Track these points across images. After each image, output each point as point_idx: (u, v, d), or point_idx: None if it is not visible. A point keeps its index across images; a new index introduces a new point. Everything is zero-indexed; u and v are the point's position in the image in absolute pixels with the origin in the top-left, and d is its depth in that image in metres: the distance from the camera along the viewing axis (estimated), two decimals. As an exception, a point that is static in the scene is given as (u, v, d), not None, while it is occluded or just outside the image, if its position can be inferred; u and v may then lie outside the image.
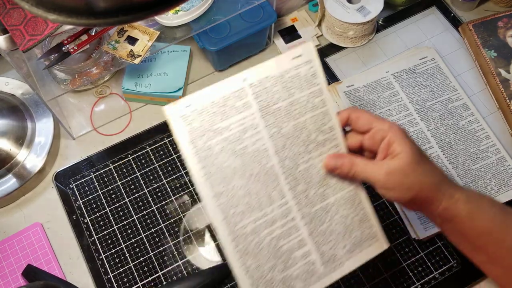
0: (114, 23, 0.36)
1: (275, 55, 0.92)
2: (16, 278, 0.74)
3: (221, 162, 0.55)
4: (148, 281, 0.74)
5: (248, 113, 0.57)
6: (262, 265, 0.57)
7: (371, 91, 0.85)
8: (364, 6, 0.87)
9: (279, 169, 0.58)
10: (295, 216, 0.59)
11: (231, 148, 0.56)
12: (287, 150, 0.58)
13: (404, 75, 0.87)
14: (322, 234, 0.59)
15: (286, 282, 0.58)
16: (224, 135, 0.55)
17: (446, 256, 0.75)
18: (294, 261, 0.58)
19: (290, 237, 0.58)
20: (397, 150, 0.54)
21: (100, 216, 0.78)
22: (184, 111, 0.54)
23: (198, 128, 0.55)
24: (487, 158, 0.80)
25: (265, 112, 0.57)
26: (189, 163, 0.55)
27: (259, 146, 0.57)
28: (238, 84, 0.56)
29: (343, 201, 0.61)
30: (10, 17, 0.63)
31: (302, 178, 0.59)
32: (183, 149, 0.54)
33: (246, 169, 0.56)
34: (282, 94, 0.58)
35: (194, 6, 0.76)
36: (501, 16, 0.90)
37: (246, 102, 0.56)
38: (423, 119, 0.83)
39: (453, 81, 0.86)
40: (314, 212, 0.59)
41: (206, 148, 0.55)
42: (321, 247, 0.59)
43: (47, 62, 0.76)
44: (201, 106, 0.55)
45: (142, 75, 0.86)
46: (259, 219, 0.57)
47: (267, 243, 0.57)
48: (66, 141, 0.85)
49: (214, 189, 0.55)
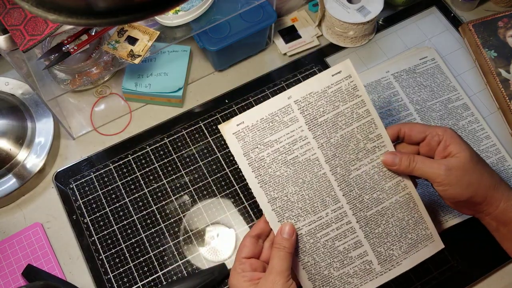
0: (114, 23, 0.36)
1: (275, 55, 0.92)
2: (16, 278, 0.74)
3: (273, 171, 0.62)
4: (148, 281, 0.74)
5: (295, 126, 0.63)
6: (319, 263, 0.62)
7: (371, 91, 0.85)
8: (364, 6, 0.87)
9: (331, 176, 0.63)
10: (350, 219, 0.63)
11: (282, 159, 0.62)
12: (337, 158, 0.63)
13: (404, 75, 0.87)
14: (378, 236, 0.64)
15: (343, 278, 0.63)
16: (274, 147, 0.63)
17: (446, 256, 0.75)
18: (350, 260, 0.63)
19: (346, 238, 0.63)
20: (455, 150, 0.55)
21: (100, 216, 0.78)
22: (236, 128, 0.63)
23: (250, 142, 0.62)
24: (487, 158, 0.80)
25: (312, 124, 0.63)
26: (245, 173, 0.62)
27: (310, 155, 0.63)
28: (284, 102, 0.63)
29: (397, 205, 0.64)
30: (10, 17, 0.63)
31: (355, 184, 0.64)
32: (238, 161, 0.62)
33: (299, 177, 0.63)
34: (327, 107, 0.63)
35: (194, 6, 0.76)
36: (501, 16, 0.90)
37: (293, 117, 0.63)
38: (423, 119, 0.83)
39: (453, 81, 0.86)
40: (370, 215, 0.64)
41: (259, 159, 0.62)
42: (377, 248, 0.63)
43: (47, 62, 0.76)
44: (251, 123, 0.63)
45: (142, 75, 0.86)
46: (314, 222, 0.62)
47: (322, 244, 0.62)
48: (66, 141, 0.85)
49: (269, 195, 0.62)
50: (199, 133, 0.84)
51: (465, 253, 0.75)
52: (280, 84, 0.88)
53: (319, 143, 0.63)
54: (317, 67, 0.90)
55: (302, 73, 0.89)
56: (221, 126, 0.63)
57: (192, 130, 0.85)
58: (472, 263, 0.74)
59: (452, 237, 0.76)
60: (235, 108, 0.86)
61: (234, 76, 0.90)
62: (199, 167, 0.81)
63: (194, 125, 0.85)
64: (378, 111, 0.83)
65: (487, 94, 0.86)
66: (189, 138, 0.84)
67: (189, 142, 0.83)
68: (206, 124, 0.85)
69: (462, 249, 0.75)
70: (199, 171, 0.81)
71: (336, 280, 0.62)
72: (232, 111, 0.86)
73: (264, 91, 0.87)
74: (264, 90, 0.88)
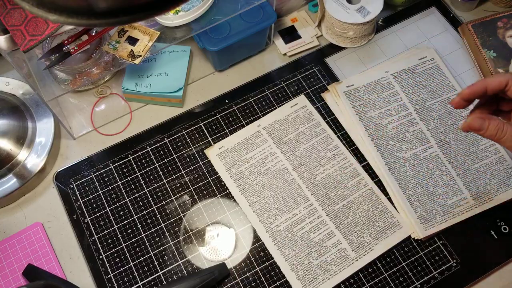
0: (114, 24, 0.36)
1: (275, 55, 0.92)
2: (16, 278, 0.74)
3: (251, 180, 0.78)
4: (148, 280, 0.74)
5: (265, 146, 0.81)
6: (298, 254, 0.73)
7: (370, 91, 0.85)
8: (363, 6, 0.87)
9: (300, 180, 0.78)
10: (321, 214, 0.76)
11: (257, 170, 0.79)
12: (303, 166, 0.79)
13: (403, 75, 0.87)
14: (348, 226, 0.75)
15: (322, 266, 0.73)
16: (250, 162, 0.80)
17: (446, 256, 0.75)
18: (326, 249, 0.74)
19: (319, 230, 0.75)
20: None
21: (100, 216, 0.78)
22: (218, 151, 0.81)
23: (230, 160, 0.80)
24: (487, 157, 0.80)
25: (279, 143, 0.81)
26: (228, 184, 0.79)
27: (279, 166, 0.79)
28: (255, 129, 0.83)
29: (361, 198, 0.77)
30: (11, 17, 0.63)
31: (321, 184, 0.78)
32: (222, 176, 0.79)
33: (272, 183, 0.78)
34: (289, 129, 0.82)
35: (195, 6, 0.76)
36: (501, 17, 0.90)
37: (263, 139, 0.82)
38: (423, 118, 0.83)
39: (452, 81, 0.86)
40: (338, 209, 0.76)
41: (238, 173, 0.79)
42: (348, 236, 0.74)
43: (48, 62, 0.76)
44: (230, 146, 0.81)
45: (143, 75, 0.86)
46: (290, 219, 0.76)
47: (299, 236, 0.74)
48: (67, 141, 0.86)
49: (248, 200, 0.77)
50: (199, 133, 0.84)
51: (465, 253, 0.75)
52: (280, 84, 0.88)
53: (286, 156, 0.80)
54: (317, 67, 0.90)
55: (302, 73, 0.89)
56: (206, 151, 0.81)
57: (192, 130, 0.85)
58: (472, 263, 0.74)
59: (452, 237, 0.76)
60: (235, 108, 0.86)
61: (234, 76, 0.90)
62: (199, 167, 0.82)
63: (194, 125, 0.85)
64: (378, 111, 0.83)
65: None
66: (189, 138, 0.84)
67: (189, 142, 0.84)
68: (206, 124, 0.85)
69: (462, 249, 0.75)
70: (199, 171, 0.81)
71: (317, 269, 0.72)
72: (232, 111, 0.86)
73: (264, 91, 0.88)
74: (264, 90, 0.88)
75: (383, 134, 0.82)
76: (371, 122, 0.83)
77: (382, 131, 0.82)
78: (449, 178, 0.79)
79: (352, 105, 0.84)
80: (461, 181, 0.78)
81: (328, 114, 0.85)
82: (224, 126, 0.85)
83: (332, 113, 0.85)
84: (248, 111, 0.86)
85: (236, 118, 0.85)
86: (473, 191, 0.78)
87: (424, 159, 0.80)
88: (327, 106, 0.86)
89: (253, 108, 0.86)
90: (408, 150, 0.81)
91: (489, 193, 0.77)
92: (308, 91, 0.87)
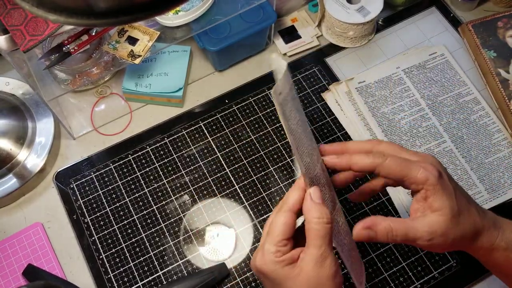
0: (114, 24, 0.36)
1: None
2: (16, 278, 0.74)
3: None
4: (148, 280, 0.74)
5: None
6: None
7: (382, 87, 0.86)
8: (364, 6, 0.87)
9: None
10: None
11: None
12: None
13: (414, 70, 0.88)
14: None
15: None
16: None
17: (446, 256, 0.75)
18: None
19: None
20: (435, 205, 0.52)
21: (100, 215, 0.78)
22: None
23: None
24: (499, 151, 0.81)
25: None
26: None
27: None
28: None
29: None
30: (11, 17, 0.63)
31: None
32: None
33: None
34: None
35: (195, 6, 0.76)
36: (501, 17, 0.90)
37: None
38: (435, 114, 0.84)
39: (462, 76, 0.87)
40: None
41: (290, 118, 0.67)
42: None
43: (48, 62, 0.76)
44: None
45: (143, 75, 0.86)
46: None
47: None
48: (67, 141, 0.86)
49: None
50: (199, 133, 0.84)
51: (465, 253, 0.75)
52: (280, 84, 0.88)
53: None
54: (317, 67, 0.90)
55: (302, 73, 0.89)
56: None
57: (192, 130, 0.85)
58: (472, 263, 0.74)
59: (451, 237, 0.76)
60: (235, 108, 0.86)
61: (234, 76, 0.90)
62: (199, 167, 0.82)
63: (194, 125, 0.85)
64: (391, 107, 0.84)
65: (486, 94, 0.87)
66: (189, 138, 0.84)
67: (189, 142, 0.84)
68: (206, 124, 0.85)
69: (461, 248, 0.75)
70: (199, 171, 0.81)
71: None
72: (232, 111, 0.86)
73: (264, 91, 0.88)
74: (264, 90, 0.88)
75: (397, 130, 0.83)
76: (384, 118, 0.84)
77: (395, 127, 0.83)
78: (463, 172, 0.80)
79: (364, 101, 0.84)
80: (475, 175, 0.79)
81: (328, 114, 0.85)
82: (224, 126, 0.85)
83: (332, 113, 0.85)
84: (248, 111, 0.86)
85: (236, 118, 0.85)
86: (488, 184, 0.79)
87: (438, 154, 0.81)
88: (327, 106, 0.86)
89: (253, 108, 0.86)
90: (421, 145, 0.81)
91: (502, 187, 0.78)
92: (308, 91, 0.87)
